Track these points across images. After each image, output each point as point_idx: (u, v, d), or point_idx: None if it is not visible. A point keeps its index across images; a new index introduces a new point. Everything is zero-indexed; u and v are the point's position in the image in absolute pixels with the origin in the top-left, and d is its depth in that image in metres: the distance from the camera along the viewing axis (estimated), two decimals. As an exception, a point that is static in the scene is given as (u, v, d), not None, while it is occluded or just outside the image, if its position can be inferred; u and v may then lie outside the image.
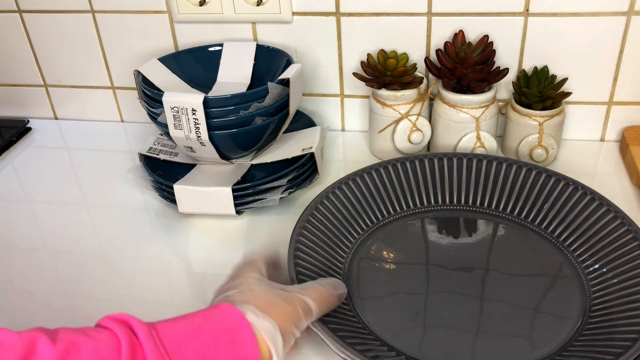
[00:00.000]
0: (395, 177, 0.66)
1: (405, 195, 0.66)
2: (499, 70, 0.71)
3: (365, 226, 0.63)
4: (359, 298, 0.55)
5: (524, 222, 0.63)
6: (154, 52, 0.84)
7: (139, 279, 0.62)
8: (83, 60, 0.88)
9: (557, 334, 0.51)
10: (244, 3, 0.77)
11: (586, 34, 0.72)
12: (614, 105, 0.77)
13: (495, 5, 0.72)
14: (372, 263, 0.60)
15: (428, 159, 0.67)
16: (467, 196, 0.66)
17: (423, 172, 0.67)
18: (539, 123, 0.71)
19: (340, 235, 0.61)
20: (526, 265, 0.58)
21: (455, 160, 0.67)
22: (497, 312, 0.53)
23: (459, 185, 0.66)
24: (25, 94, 0.93)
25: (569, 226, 0.60)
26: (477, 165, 0.67)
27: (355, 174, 0.65)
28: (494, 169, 0.66)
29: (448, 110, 0.72)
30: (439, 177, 0.67)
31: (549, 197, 0.63)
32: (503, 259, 0.59)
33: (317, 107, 0.84)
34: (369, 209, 0.64)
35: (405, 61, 0.75)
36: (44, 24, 0.85)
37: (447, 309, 0.54)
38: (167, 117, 0.64)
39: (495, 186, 0.66)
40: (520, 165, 0.65)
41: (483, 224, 0.64)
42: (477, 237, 0.63)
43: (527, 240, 0.61)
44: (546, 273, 0.57)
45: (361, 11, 0.76)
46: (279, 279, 0.52)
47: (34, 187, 0.78)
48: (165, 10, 0.80)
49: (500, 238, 0.62)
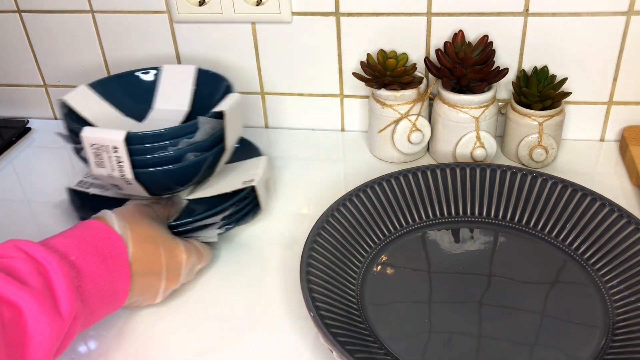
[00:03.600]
0: (397, 190, 0.64)
1: (410, 209, 0.64)
2: (499, 70, 0.71)
3: (373, 243, 0.61)
4: (371, 305, 0.55)
5: (525, 228, 0.62)
6: (153, 52, 0.84)
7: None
8: (83, 60, 0.88)
9: (570, 339, 0.51)
10: (243, 3, 0.77)
11: (586, 34, 0.72)
12: (614, 105, 0.76)
13: (495, 5, 0.72)
14: (385, 275, 0.58)
15: (430, 170, 0.66)
16: (472, 206, 0.65)
17: (426, 183, 0.65)
18: (538, 123, 0.71)
19: (348, 254, 0.59)
20: (533, 271, 0.58)
21: (458, 169, 0.66)
22: (515, 320, 0.53)
23: (464, 195, 0.65)
24: (25, 94, 0.93)
25: (573, 229, 0.60)
26: (480, 175, 0.65)
27: (357, 189, 0.63)
28: (498, 177, 0.65)
29: (448, 110, 0.72)
30: (443, 188, 0.65)
31: (548, 201, 0.62)
32: (514, 267, 0.58)
33: (317, 106, 0.85)
34: (373, 225, 0.62)
35: (404, 61, 0.75)
36: (44, 24, 0.85)
37: (462, 318, 0.53)
38: (87, 154, 0.57)
39: (498, 194, 0.64)
40: (525, 173, 0.64)
41: (489, 233, 0.63)
42: (488, 245, 0.62)
43: (531, 247, 0.61)
44: (553, 279, 0.57)
45: (361, 11, 0.76)
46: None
47: (34, 187, 0.78)
48: (164, 10, 0.81)
49: (512, 247, 0.61)
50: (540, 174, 0.64)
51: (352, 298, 0.55)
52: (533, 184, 0.64)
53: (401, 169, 0.66)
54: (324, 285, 0.53)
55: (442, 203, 0.65)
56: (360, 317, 0.53)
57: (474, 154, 0.72)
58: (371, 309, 0.54)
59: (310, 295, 0.50)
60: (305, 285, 0.51)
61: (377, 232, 0.62)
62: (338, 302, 0.53)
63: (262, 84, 0.84)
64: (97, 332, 0.55)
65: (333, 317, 0.50)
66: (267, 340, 0.54)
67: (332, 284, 0.55)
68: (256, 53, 0.81)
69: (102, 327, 0.55)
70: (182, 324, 0.56)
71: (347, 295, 0.55)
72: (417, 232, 0.63)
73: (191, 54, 0.84)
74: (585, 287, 0.56)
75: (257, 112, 0.87)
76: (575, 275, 0.57)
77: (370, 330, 0.52)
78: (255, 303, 0.58)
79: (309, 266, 0.54)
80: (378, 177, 0.65)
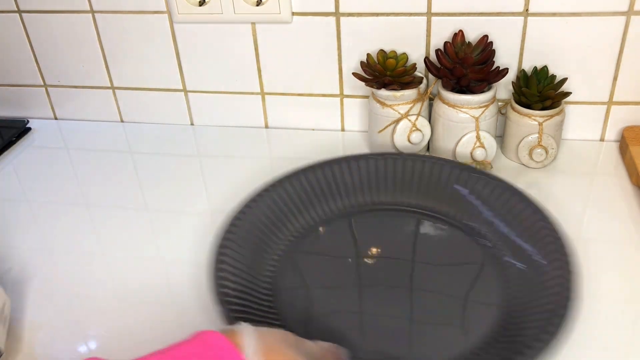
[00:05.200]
0: (315, 184, 0.67)
1: (327, 200, 0.67)
2: (499, 70, 0.71)
3: (290, 232, 0.63)
4: (284, 290, 0.57)
5: (443, 217, 0.65)
6: (153, 52, 0.84)
7: (138, 279, 0.62)
8: (83, 60, 0.88)
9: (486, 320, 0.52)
10: (243, 3, 0.77)
11: (586, 34, 0.72)
12: (614, 105, 0.77)
13: (495, 5, 0.72)
14: (301, 262, 0.61)
15: (348, 161, 0.68)
16: (394, 194, 0.67)
17: (341, 175, 0.68)
18: (538, 123, 0.71)
19: (267, 240, 0.61)
20: (449, 256, 0.60)
21: (372, 160, 0.68)
22: (428, 302, 0.55)
23: (386, 184, 0.68)
24: (25, 94, 0.93)
25: (477, 217, 0.63)
26: (395, 164, 0.68)
27: (275, 182, 0.65)
28: (411, 166, 0.68)
29: (448, 110, 0.72)
30: (359, 179, 0.68)
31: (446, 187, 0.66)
32: (428, 252, 0.61)
33: (317, 106, 0.85)
34: (297, 213, 0.65)
35: (404, 61, 0.75)
36: (44, 24, 0.85)
37: (378, 301, 0.56)
38: None
39: (417, 183, 0.67)
40: (441, 163, 0.67)
41: (409, 221, 0.65)
42: (404, 232, 0.64)
43: (447, 234, 0.63)
44: (466, 262, 0.59)
45: (361, 11, 0.76)
46: None
47: (34, 187, 0.78)
48: (164, 11, 0.81)
49: (423, 233, 0.65)
50: (459, 165, 0.67)
51: (265, 284, 0.57)
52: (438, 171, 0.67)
53: (317, 162, 0.68)
54: (235, 273, 0.56)
55: (357, 192, 0.68)
56: (271, 302, 0.55)
57: (474, 154, 0.72)
58: (284, 293, 0.56)
59: (218, 277, 0.53)
60: (214, 271, 0.54)
61: (293, 223, 0.64)
62: (248, 288, 0.55)
63: (262, 84, 0.84)
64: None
65: (238, 300, 0.52)
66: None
67: (244, 270, 0.56)
68: (256, 53, 0.82)
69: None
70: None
71: (260, 282, 0.57)
72: (334, 221, 0.66)
73: (191, 54, 0.84)
74: (485, 267, 0.58)
75: (257, 112, 0.87)
76: (476, 256, 0.60)
77: (279, 314, 0.54)
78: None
79: (222, 255, 0.56)
80: (299, 168, 0.67)
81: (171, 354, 0.37)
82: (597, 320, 0.53)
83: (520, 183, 0.72)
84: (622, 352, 0.51)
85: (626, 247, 0.62)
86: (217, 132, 0.88)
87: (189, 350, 0.37)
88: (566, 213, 0.67)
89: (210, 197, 0.75)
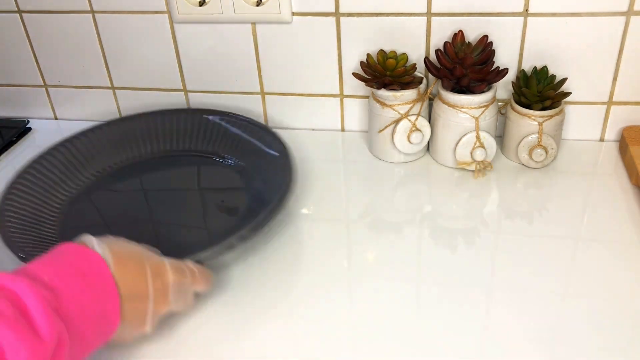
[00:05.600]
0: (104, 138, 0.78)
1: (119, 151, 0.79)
2: (499, 71, 0.71)
3: (81, 181, 0.74)
4: (70, 228, 0.67)
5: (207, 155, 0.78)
6: (153, 52, 0.84)
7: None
8: (83, 60, 0.88)
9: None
10: (243, 3, 0.77)
11: (585, 34, 0.72)
12: (614, 105, 0.77)
13: (494, 5, 0.72)
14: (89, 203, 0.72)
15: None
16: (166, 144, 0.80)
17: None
18: (538, 123, 0.71)
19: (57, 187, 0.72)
20: (209, 182, 0.77)
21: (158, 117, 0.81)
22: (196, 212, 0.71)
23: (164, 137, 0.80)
24: (25, 94, 0.93)
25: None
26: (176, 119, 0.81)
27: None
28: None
29: (447, 110, 0.72)
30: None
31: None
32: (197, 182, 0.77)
33: (317, 106, 0.85)
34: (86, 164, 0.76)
35: (404, 61, 0.75)
36: (44, 24, 0.85)
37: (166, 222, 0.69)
38: None
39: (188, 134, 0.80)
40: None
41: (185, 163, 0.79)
42: (182, 173, 0.78)
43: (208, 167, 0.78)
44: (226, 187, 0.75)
45: (361, 11, 0.76)
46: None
47: (34, 187, 0.78)
48: (165, 11, 0.81)
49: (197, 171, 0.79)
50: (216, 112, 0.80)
51: (51, 225, 0.67)
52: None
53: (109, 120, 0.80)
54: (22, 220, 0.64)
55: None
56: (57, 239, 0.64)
57: (474, 154, 0.72)
58: (69, 232, 0.63)
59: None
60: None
61: (83, 173, 0.75)
62: (34, 230, 0.64)
63: (262, 84, 0.84)
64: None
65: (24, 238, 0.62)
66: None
67: (30, 214, 0.66)
68: (256, 53, 0.82)
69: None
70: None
71: (46, 223, 0.66)
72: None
73: (191, 54, 0.84)
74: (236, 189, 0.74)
75: (257, 112, 0.87)
76: (226, 179, 0.76)
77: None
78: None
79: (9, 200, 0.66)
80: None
81: (35, 260, 0.46)
82: (597, 320, 0.54)
83: (520, 183, 0.73)
84: (622, 352, 0.51)
85: (626, 247, 0.62)
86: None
87: (50, 255, 0.47)
88: (566, 213, 0.67)
89: (210, 197, 0.75)
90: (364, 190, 0.74)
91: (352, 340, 0.53)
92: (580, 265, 0.60)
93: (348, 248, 0.64)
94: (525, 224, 0.66)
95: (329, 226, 0.67)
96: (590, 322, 0.53)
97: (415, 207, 0.70)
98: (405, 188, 0.74)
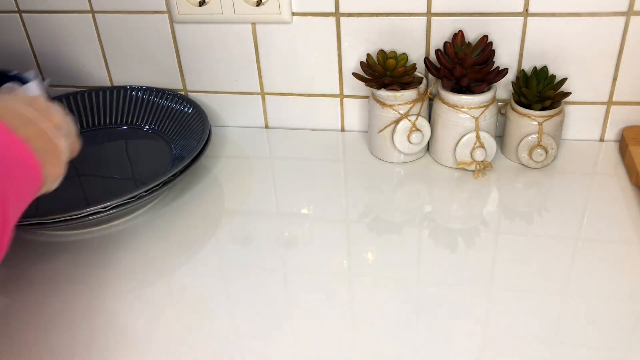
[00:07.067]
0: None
1: None
2: (499, 71, 0.71)
3: None
4: None
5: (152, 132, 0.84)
6: (153, 52, 0.84)
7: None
8: (83, 60, 0.88)
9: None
10: (243, 3, 0.77)
11: (585, 34, 0.72)
12: (613, 105, 0.77)
13: (494, 6, 0.72)
14: None
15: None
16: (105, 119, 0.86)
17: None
18: (538, 123, 0.71)
19: None
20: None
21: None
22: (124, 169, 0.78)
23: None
24: (25, 94, 0.93)
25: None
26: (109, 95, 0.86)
27: None
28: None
29: (447, 110, 0.72)
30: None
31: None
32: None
33: (317, 106, 0.85)
34: None
35: (404, 61, 0.75)
36: (44, 24, 0.85)
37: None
38: None
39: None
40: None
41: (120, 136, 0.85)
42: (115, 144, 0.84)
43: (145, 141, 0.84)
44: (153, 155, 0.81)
45: (361, 11, 0.76)
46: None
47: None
48: (165, 11, 0.81)
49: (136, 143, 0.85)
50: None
51: None
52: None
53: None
54: None
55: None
56: None
57: (474, 154, 0.72)
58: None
59: None
60: None
61: None
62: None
63: (262, 84, 0.84)
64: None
65: None
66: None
67: None
68: (256, 53, 0.82)
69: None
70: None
71: None
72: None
73: (191, 54, 0.84)
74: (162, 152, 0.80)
75: (257, 112, 0.87)
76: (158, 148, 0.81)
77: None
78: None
79: None
80: None
81: None
82: (597, 320, 0.54)
83: (520, 183, 0.73)
84: (622, 352, 0.51)
85: (626, 247, 0.62)
86: (217, 132, 0.88)
87: None
88: (566, 213, 0.67)
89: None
90: (364, 190, 0.74)
91: (352, 340, 0.53)
92: (580, 265, 0.60)
93: (348, 248, 0.64)
94: (525, 224, 0.66)
95: (329, 226, 0.67)
96: (590, 322, 0.53)
97: (415, 207, 0.70)
98: (405, 188, 0.74)
